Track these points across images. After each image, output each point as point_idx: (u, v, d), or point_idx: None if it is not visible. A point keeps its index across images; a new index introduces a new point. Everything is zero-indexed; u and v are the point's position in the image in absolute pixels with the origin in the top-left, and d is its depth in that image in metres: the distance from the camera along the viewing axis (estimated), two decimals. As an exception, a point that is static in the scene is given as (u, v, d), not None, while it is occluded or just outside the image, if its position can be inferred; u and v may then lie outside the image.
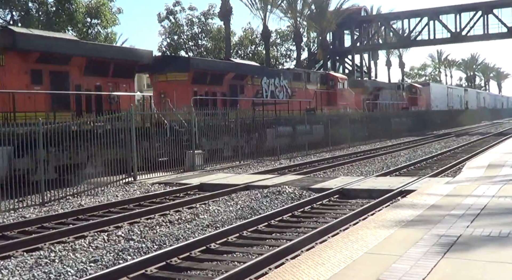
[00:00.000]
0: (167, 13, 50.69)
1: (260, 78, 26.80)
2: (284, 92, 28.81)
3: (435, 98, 56.51)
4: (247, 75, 25.63)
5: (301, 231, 9.00)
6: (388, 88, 46.06)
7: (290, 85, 29.42)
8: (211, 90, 23.30)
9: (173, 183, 15.12)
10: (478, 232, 6.68)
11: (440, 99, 58.32)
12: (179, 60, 24.48)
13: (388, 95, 44.56)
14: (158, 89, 22.11)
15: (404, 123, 41.73)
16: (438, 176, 15.24)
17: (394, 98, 45.86)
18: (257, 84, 26.58)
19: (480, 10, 51.34)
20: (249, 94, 25.88)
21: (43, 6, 31.27)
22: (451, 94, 63.51)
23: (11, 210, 11.68)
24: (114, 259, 7.45)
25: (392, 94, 45.78)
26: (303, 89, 30.70)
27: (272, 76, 28.11)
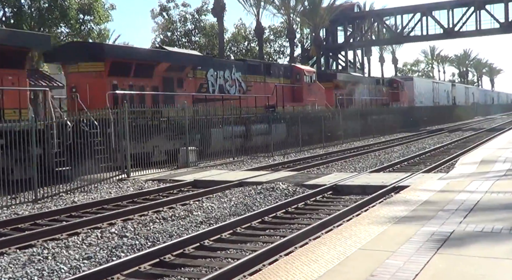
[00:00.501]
0: (160, 10, 50.57)
1: (205, 70, 23.28)
2: (237, 86, 25.34)
3: (419, 94, 53.83)
4: (187, 66, 22.00)
5: (294, 227, 9.01)
6: (366, 82, 42.55)
7: (245, 79, 25.90)
8: (138, 84, 19.48)
9: (166, 180, 15.11)
10: (471, 228, 6.70)
11: (425, 94, 55.64)
12: (92, 47, 21.73)
13: (366, 90, 41.26)
14: (70, 83, 18.82)
15: (384, 121, 38.51)
16: (431, 172, 15.29)
17: (373, 93, 42.71)
18: (201, 77, 23.01)
19: (472, 6, 51.43)
20: (190, 89, 22.14)
21: (35, 3, 31.06)
22: (437, 89, 60.75)
23: (4, 207, 11.63)
24: (107, 256, 7.44)
25: (371, 89, 42.54)
26: (262, 83, 27.18)
27: (221, 68, 24.53)
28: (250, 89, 26.20)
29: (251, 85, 26.43)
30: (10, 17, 31.48)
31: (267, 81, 27.53)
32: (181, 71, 21.70)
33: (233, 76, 25.18)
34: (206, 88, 23.23)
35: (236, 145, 21.64)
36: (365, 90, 40.88)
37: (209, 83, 23.50)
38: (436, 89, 60.10)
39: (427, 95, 56.00)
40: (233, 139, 21.42)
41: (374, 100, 42.50)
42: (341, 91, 36.49)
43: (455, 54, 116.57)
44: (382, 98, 44.23)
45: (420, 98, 53.55)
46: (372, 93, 42.36)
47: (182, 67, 21.71)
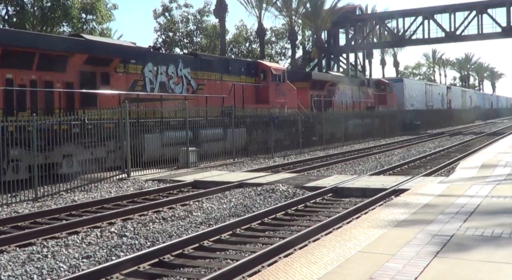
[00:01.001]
0: (163, 10, 50.60)
1: (141, 64, 19.59)
2: (184, 85, 21.68)
3: (410, 96, 49.83)
4: (114, 58, 18.26)
5: (294, 229, 9.01)
6: (348, 83, 38.53)
7: (195, 76, 22.33)
8: (44, 79, 16.04)
9: (166, 180, 15.12)
10: (471, 232, 6.70)
11: (417, 97, 51.58)
12: None
13: (348, 91, 37.56)
14: None
15: (367, 126, 35.54)
16: (431, 176, 15.29)
17: (356, 95, 38.93)
18: (135, 72, 19.27)
19: (474, 9, 51.42)
20: (120, 86, 18.48)
21: (38, 2, 31.12)
22: (430, 91, 56.33)
23: (4, 205, 11.65)
24: (107, 255, 7.44)
25: (354, 90, 38.75)
26: (218, 82, 23.67)
27: (163, 62, 20.88)
28: (202, 88, 22.73)
29: (204, 84, 22.90)
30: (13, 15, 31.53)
31: (225, 79, 24.07)
32: (107, 65, 18.06)
33: (180, 73, 21.58)
34: (142, 85, 19.62)
35: (175, 153, 18.29)
36: (347, 91, 37.47)
37: (146, 80, 19.83)
38: (429, 91, 56.05)
39: (419, 98, 52.24)
40: (178, 146, 18.37)
41: (357, 102, 38.77)
42: (319, 92, 32.95)
43: (457, 58, 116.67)
44: (366, 100, 40.31)
45: (411, 101, 49.95)
46: (356, 94, 38.84)
47: (108, 60, 18.08)
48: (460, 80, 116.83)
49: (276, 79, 26.85)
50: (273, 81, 26.56)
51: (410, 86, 50.82)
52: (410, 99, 49.48)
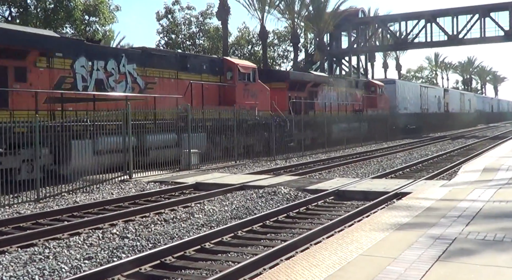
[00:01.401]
0: (165, 12, 50.64)
1: (70, 58, 16.78)
2: (129, 83, 18.85)
3: (403, 99, 46.76)
4: (32, 50, 15.54)
5: (296, 232, 9.01)
6: (334, 84, 35.08)
7: (143, 73, 19.46)
8: None
9: (168, 182, 15.12)
10: (473, 235, 6.70)
11: (411, 100, 48.65)
12: None
13: (333, 93, 34.44)
14: None
15: (354, 130, 33.11)
16: (433, 179, 15.28)
17: (343, 97, 35.85)
18: (61, 67, 16.51)
19: (477, 13, 51.45)
20: (42, 83, 15.77)
21: (41, 3, 31.16)
22: (426, 94, 53.17)
23: (6, 205, 11.66)
24: (108, 256, 7.45)
25: (340, 92, 35.60)
26: (173, 80, 20.72)
27: (100, 57, 17.96)
28: (152, 87, 19.81)
29: (154, 82, 19.93)
30: (16, 17, 31.58)
31: (182, 77, 21.05)
32: (22, 58, 15.35)
33: (123, 69, 18.72)
34: (71, 83, 16.80)
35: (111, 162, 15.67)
36: (332, 93, 34.34)
37: (77, 77, 17.01)
38: (425, 94, 52.81)
39: (413, 101, 49.14)
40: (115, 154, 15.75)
41: (343, 105, 35.76)
42: (299, 94, 29.84)
43: (459, 61, 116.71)
44: (354, 103, 37.29)
45: (404, 104, 46.81)
46: (342, 97, 35.83)
47: (23, 52, 15.33)
48: (463, 84, 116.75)
49: (244, 78, 24.23)
50: (241, 81, 23.94)
51: (403, 88, 47.71)
52: (403, 102, 46.57)
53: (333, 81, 35.17)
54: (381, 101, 41.26)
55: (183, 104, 19.81)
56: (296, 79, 30.08)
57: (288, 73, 31.68)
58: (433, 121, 52.18)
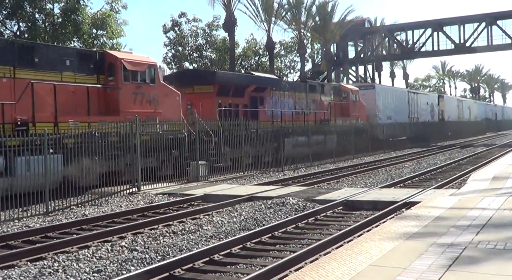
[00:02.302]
0: (172, 25, 50.92)
1: None
2: None
3: (385, 107, 40.43)
4: None
5: (305, 242, 8.97)
6: (289, 88, 28.80)
7: None
8: None
9: (177, 193, 15.13)
10: (483, 245, 6.65)
11: (396, 108, 42.21)
12: None
13: (288, 99, 28.40)
14: None
15: (318, 145, 27.69)
16: (442, 188, 15.19)
17: (302, 104, 29.65)
18: None
19: (484, 21, 51.45)
20: None
21: (49, 17, 31.47)
22: (415, 101, 47.11)
23: (15, 219, 11.69)
24: (117, 269, 7.44)
25: (299, 98, 29.35)
26: (5, 80, 14.83)
27: None
28: None
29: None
30: (24, 31, 31.88)
31: (21, 76, 15.17)
32: None
33: None
34: None
35: None
36: (286, 99, 28.27)
37: None
38: (414, 101, 46.74)
39: (399, 109, 42.79)
40: None
41: (301, 114, 29.25)
42: (234, 100, 24.09)
43: (467, 70, 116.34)
44: (317, 111, 30.68)
45: (386, 113, 40.37)
46: (302, 104, 29.61)
47: None
48: (471, 92, 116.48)
49: (135, 78, 18.27)
50: (128, 81, 18.00)
51: (386, 94, 41.33)
52: (385, 110, 40.30)
53: (287, 85, 29.17)
54: (355, 109, 35.13)
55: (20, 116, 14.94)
56: (227, 81, 24.41)
57: (214, 74, 25.34)
58: (424, 131, 46.06)
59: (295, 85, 30.82)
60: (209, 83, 23.20)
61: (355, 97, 35.44)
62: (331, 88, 33.94)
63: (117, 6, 34.24)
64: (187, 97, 21.92)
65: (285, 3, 47.62)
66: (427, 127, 47.59)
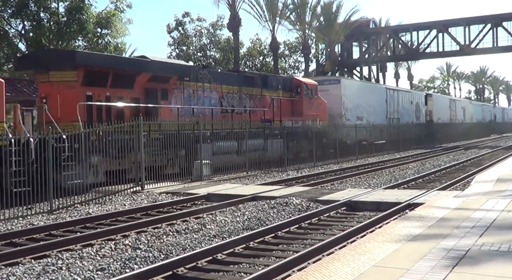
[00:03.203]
0: (176, 24, 51.00)
1: None
2: None
3: (355, 106, 34.44)
4: None
5: (308, 243, 8.97)
6: (211, 79, 22.50)
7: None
8: None
9: (180, 192, 15.15)
10: (487, 246, 6.64)
11: (370, 107, 36.33)
12: None
13: (210, 94, 22.34)
14: None
15: (257, 151, 22.26)
16: (446, 190, 15.17)
17: (233, 100, 23.68)
18: None
19: (489, 23, 51.32)
20: None
21: (54, 17, 31.52)
22: (395, 100, 40.78)
23: (19, 217, 11.74)
24: (121, 267, 7.46)
25: (229, 92, 23.42)
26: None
27: None
28: None
29: None
30: (29, 30, 31.95)
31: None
32: None
33: None
34: None
35: None
36: (206, 93, 22.03)
37: None
38: (394, 99, 40.55)
39: (374, 108, 37.06)
40: None
41: (228, 113, 23.23)
42: (114, 92, 17.91)
43: (472, 71, 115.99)
44: (253, 109, 24.53)
45: (356, 112, 34.51)
46: (231, 99, 23.62)
47: None
48: (475, 94, 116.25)
49: None
50: None
51: (356, 91, 34.99)
52: (355, 110, 34.36)
53: (208, 76, 22.39)
54: (312, 108, 28.56)
55: None
56: (99, 65, 17.75)
57: (75, 55, 18.17)
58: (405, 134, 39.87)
59: (221, 76, 24.16)
60: (70, 67, 16.94)
61: (312, 92, 28.68)
62: (278, 81, 27.20)
63: (121, 5, 34.30)
64: (41, 88, 17.54)
65: (290, 3, 47.72)
66: (409, 129, 41.30)
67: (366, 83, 44.80)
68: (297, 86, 28.21)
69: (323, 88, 31.28)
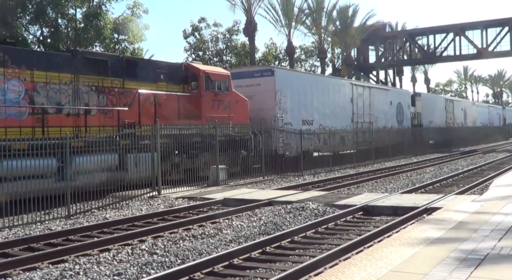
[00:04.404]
0: (192, 30, 51.23)
1: None
2: None
3: (299, 105, 25.91)
4: None
5: (324, 247, 8.94)
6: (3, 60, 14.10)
7: None
8: None
9: (196, 197, 15.17)
10: (506, 251, 6.56)
11: (324, 107, 27.93)
12: None
13: (7, 84, 14.14)
14: None
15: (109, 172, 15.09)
16: (464, 194, 15.02)
17: (58, 95, 15.52)
18: None
19: (506, 25, 50.89)
20: None
21: (71, 23, 31.90)
22: (365, 98, 32.37)
23: (37, 222, 11.84)
24: (137, 272, 7.48)
25: (47, 81, 15.15)
26: None
27: None
28: None
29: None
30: (47, 36, 32.33)
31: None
32: None
33: None
34: None
35: None
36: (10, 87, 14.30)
37: None
38: (363, 99, 32.14)
39: (332, 109, 28.56)
40: None
41: (34, 114, 14.85)
42: None
43: (489, 74, 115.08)
44: (100, 108, 16.64)
45: (301, 114, 25.97)
46: (56, 93, 15.57)
47: None
48: (493, 97, 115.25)
49: None
50: None
51: (298, 85, 26.07)
52: (297, 111, 25.70)
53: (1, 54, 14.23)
54: (220, 107, 20.88)
55: None
56: None
57: None
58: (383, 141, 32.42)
59: (33, 56, 15.65)
60: None
61: (219, 86, 20.81)
62: (159, 68, 19.03)
63: (138, 11, 34.58)
64: None
65: (306, 8, 47.74)
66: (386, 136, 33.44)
67: (316, 76, 34.79)
68: (193, 77, 20.13)
69: (253, 82, 24.40)
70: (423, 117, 42.02)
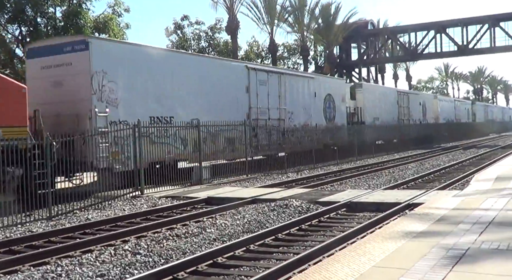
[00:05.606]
0: (175, 28, 51.03)
1: None
2: None
3: (136, 98, 17.64)
4: None
5: (308, 244, 8.96)
6: None
7: None
8: None
9: (180, 196, 15.12)
10: (486, 245, 6.63)
11: (187, 99, 19.85)
12: None
13: None
14: None
15: None
16: (446, 189, 15.17)
17: None
18: None
19: (486, 23, 51.41)
20: None
21: (51, 21, 31.51)
22: (274, 88, 25.08)
23: (18, 224, 11.69)
24: (120, 273, 7.43)
25: None
26: None
27: None
28: None
29: None
30: (26, 35, 31.95)
31: None
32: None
33: None
34: None
35: None
36: None
37: None
38: (267, 89, 24.62)
39: (208, 101, 20.88)
40: None
41: None
42: None
43: (470, 71, 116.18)
44: None
45: (148, 108, 17.93)
46: None
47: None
48: (474, 93, 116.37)
49: None
50: None
51: (140, 64, 17.93)
52: (137, 104, 17.65)
53: None
54: None
55: None
56: None
57: None
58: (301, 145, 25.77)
59: None
60: None
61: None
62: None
63: (119, 9, 34.29)
64: None
65: (288, 6, 47.77)
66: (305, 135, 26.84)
67: (182, 54, 25.36)
68: None
69: (62, 60, 16.72)
70: (366, 113, 35.15)
